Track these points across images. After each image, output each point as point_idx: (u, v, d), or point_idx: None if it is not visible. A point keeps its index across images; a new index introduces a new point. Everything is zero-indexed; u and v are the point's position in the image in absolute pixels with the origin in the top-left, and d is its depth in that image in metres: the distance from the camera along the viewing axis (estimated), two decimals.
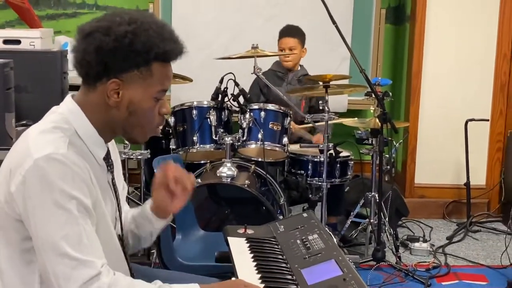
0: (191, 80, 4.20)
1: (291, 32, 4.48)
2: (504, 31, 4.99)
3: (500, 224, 4.96)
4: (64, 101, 1.68)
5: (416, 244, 4.38)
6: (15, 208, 1.54)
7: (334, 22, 3.58)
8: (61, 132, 1.58)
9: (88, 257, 1.52)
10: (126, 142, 3.76)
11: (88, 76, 1.62)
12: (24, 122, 3.10)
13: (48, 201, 1.49)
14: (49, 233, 1.50)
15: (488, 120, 5.06)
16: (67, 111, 1.64)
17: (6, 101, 3.02)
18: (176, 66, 4.83)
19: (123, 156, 3.80)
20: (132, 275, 1.84)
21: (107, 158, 1.73)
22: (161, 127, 1.77)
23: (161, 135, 3.94)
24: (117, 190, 1.80)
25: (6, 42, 3.60)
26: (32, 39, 3.60)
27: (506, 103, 5.09)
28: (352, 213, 4.27)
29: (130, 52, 1.58)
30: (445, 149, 5.10)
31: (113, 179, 1.78)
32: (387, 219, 4.17)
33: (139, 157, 3.85)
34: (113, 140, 1.85)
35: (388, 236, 4.16)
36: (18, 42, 3.58)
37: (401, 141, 5.14)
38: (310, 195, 4.14)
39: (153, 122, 1.69)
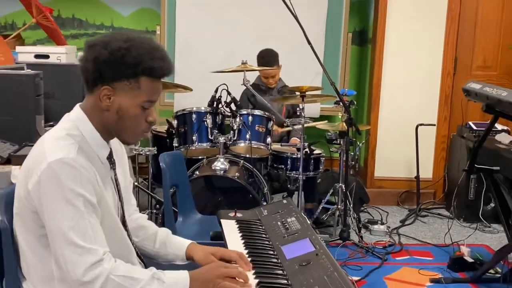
0: (191, 90, 4.17)
1: (270, 62, 4.40)
2: (448, 54, 5.01)
3: (444, 210, 5.00)
4: (74, 109, 1.67)
5: (375, 226, 4.40)
6: (32, 203, 1.54)
7: (309, 43, 3.56)
8: (72, 139, 1.58)
9: (92, 245, 1.51)
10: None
11: (87, 82, 1.61)
12: (52, 123, 3.06)
13: (59, 198, 1.49)
14: (59, 225, 1.49)
15: (434, 125, 5.08)
16: (75, 119, 1.64)
17: (37, 106, 3.02)
18: (179, 78, 4.80)
19: (134, 152, 3.77)
20: (137, 253, 1.81)
21: (110, 157, 1.72)
22: (148, 133, 1.74)
23: (165, 135, 3.92)
24: (119, 185, 1.77)
25: (37, 56, 3.60)
26: (59, 54, 3.62)
27: (450, 111, 5.12)
28: (323, 200, 4.29)
29: (121, 65, 1.56)
30: (399, 148, 5.11)
31: (115, 175, 1.75)
32: (351, 205, 4.18)
33: (147, 153, 3.84)
34: (122, 146, 1.86)
35: (352, 219, 4.16)
36: (47, 56, 3.57)
37: (363, 141, 5.14)
38: (289, 185, 4.14)
39: (140, 128, 1.67)
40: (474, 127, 4.59)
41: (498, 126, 4.02)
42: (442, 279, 3.50)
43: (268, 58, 4.42)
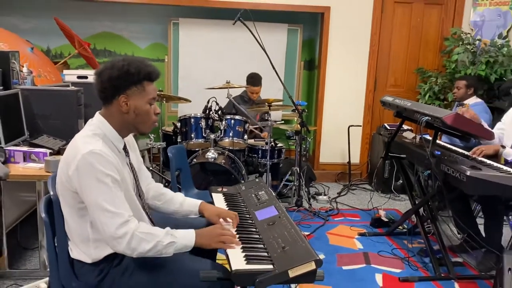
0: (190, 101, 4.15)
1: (257, 82, 4.40)
2: (370, 76, 5.02)
3: (367, 185, 5.01)
4: (95, 116, 1.66)
5: (320, 197, 4.40)
6: (73, 185, 1.52)
7: (274, 68, 3.58)
8: (97, 136, 1.58)
9: (120, 210, 1.50)
10: (151, 136, 3.69)
11: (107, 98, 1.60)
12: None
13: (93, 178, 1.48)
14: (95, 198, 1.49)
15: (361, 126, 5.10)
16: (97, 122, 1.63)
17: (78, 113, 3.01)
18: (182, 93, 4.72)
19: (149, 145, 3.73)
20: (151, 220, 1.79)
21: (125, 148, 1.71)
22: (156, 123, 1.75)
23: (172, 133, 3.88)
24: (134, 167, 1.75)
25: (79, 77, 3.54)
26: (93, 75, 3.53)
27: (371, 116, 5.12)
28: (284, 179, 4.26)
29: (128, 76, 1.57)
30: (336, 142, 5.10)
31: (130, 160, 1.74)
32: (303, 182, 4.16)
33: (158, 146, 3.80)
34: (133, 138, 1.83)
35: (304, 192, 4.16)
36: (86, 77, 3.51)
37: (312, 137, 5.14)
38: (260, 169, 4.11)
39: (152, 119, 1.67)
40: (388, 127, 4.61)
41: (405, 127, 4.08)
42: (366, 233, 3.54)
43: (255, 79, 4.40)
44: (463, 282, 2.80)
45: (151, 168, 3.98)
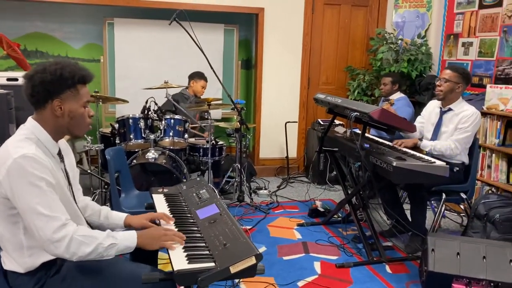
0: (127, 102, 3.99)
1: (206, 77, 4.35)
2: (304, 74, 5.11)
3: (304, 177, 5.09)
4: (28, 121, 1.56)
5: (261, 191, 4.43)
6: (3, 191, 1.43)
7: (212, 68, 3.53)
8: (30, 140, 1.50)
9: (56, 213, 1.43)
10: (89, 138, 3.52)
11: (39, 102, 1.52)
12: None
13: (25, 183, 1.40)
14: (29, 202, 1.41)
15: (297, 122, 5.18)
16: (30, 127, 1.54)
17: (9, 116, 2.85)
18: (119, 94, 4.53)
19: (86, 148, 3.55)
20: (89, 225, 1.73)
21: (59, 153, 1.63)
22: (91, 126, 1.68)
23: (110, 135, 3.73)
24: (68, 173, 1.67)
25: (8, 79, 3.31)
26: None
27: (306, 113, 5.22)
28: (225, 175, 4.25)
29: (62, 80, 1.50)
30: (275, 138, 5.16)
31: (64, 166, 1.66)
32: (245, 178, 4.18)
33: (96, 148, 3.62)
34: (66, 143, 1.74)
35: (246, 187, 4.18)
36: (16, 79, 3.28)
37: (251, 134, 5.16)
38: (202, 167, 4.07)
39: (86, 122, 1.61)
40: (322, 123, 4.74)
41: (336, 122, 4.21)
42: (304, 223, 3.60)
43: (204, 75, 4.35)
44: (393, 264, 2.94)
45: (88, 170, 3.79)
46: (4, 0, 4.57)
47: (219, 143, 4.08)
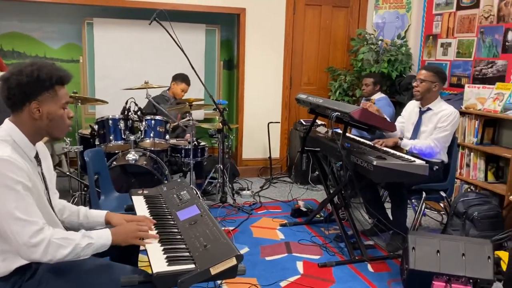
0: (107, 102, 3.92)
1: (189, 81, 4.30)
2: (286, 75, 5.12)
3: (287, 178, 5.09)
4: (5, 122, 1.52)
5: (244, 192, 4.42)
6: None
7: (193, 69, 3.49)
8: (6, 143, 1.46)
9: (33, 218, 1.40)
10: (67, 140, 3.45)
11: (16, 105, 1.48)
12: None
13: (2, 186, 1.36)
14: (6, 206, 1.37)
15: (279, 122, 5.18)
16: (7, 129, 1.50)
17: None
18: (98, 94, 4.48)
19: (65, 150, 3.48)
20: (64, 225, 1.70)
21: (37, 156, 1.59)
22: (70, 127, 1.65)
23: (89, 136, 3.67)
24: (45, 177, 1.64)
25: None
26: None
27: (288, 113, 5.22)
28: (208, 176, 4.22)
29: (39, 82, 1.46)
30: (257, 139, 5.15)
31: (41, 170, 1.62)
32: (227, 179, 4.17)
33: (75, 150, 3.56)
34: (44, 146, 1.71)
35: (228, 188, 4.16)
36: None
37: (234, 135, 5.16)
38: (184, 168, 4.04)
39: (66, 123, 1.58)
40: (304, 123, 4.75)
41: (318, 122, 4.23)
42: (287, 223, 3.61)
43: (187, 78, 4.30)
44: (375, 263, 2.96)
45: (67, 172, 3.72)
46: None
47: (201, 144, 4.05)
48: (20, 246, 1.38)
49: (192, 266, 1.40)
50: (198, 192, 3.74)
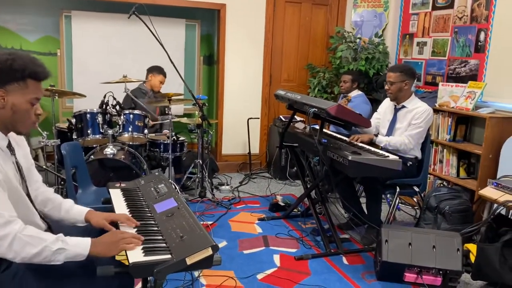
0: (85, 96, 3.86)
1: (165, 72, 4.29)
2: (266, 71, 5.15)
3: (266, 173, 5.13)
4: None
5: (223, 187, 4.43)
6: None
7: (172, 63, 3.49)
8: None
9: None
10: (44, 134, 3.41)
11: None
12: None
13: None
14: None
15: (259, 118, 5.21)
16: None
17: None
18: (76, 88, 4.44)
19: (42, 143, 3.44)
20: (46, 222, 1.67)
21: (9, 146, 1.55)
22: (37, 124, 1.63)
23: (67, 130, 3.63)
24: (20, 166, 1.60)
25: None
26: None
27: (268, 109, 5.26)
28: (187, 171, 4.22)
29: (10, 71, 1.44)
30: (237, 134, 5.18)
31: (16, 160, 1.58)
32: (207, 174, 4.18)
33: (52, 143, 3.51)
34: (22, 136, 1.68)
35: (207, 183, 4.17)
36: None
37: (214, 130, 5.17)
38: (162, 163, 4.03)
39: (30, 119, 1.54)
40: (283, 119, 4.78)
41: (297, 118, 4.28)
42: (265, 218, 3.65)
43: (163, 70, 4.28)
44: (349, 256, 3.04)
45: (44, 166, 3.68)
46: None
47: (180, 138, 4.06)
48: None
49: (168, 256, 1.41)
50: (177, 187, 3.75)
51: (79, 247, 1.44)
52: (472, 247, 2.79)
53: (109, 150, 3.35)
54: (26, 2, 4.77)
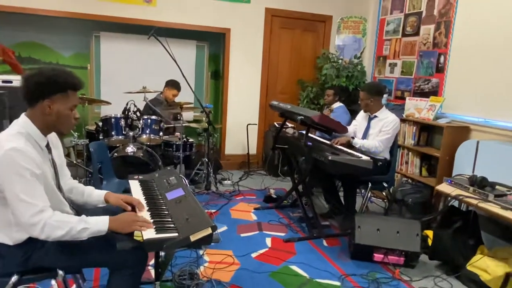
0: (110, 103, 3.92)
1: (179, 87, 4.28)
2: (263, 83, 5.18)
3: (262, 171, 5.13)
4: (21, 116, 1.55)
5: (225, 182, 4.47)
6: None
7: (185, 77, 3.56)
8: (20, 135, 1.48)
9: (35, 201, 1.41)
10: (75, 134, 3.46)
11: (32, 100, 1.51)
12: None
13: (13, 172, 1.39)
14: (14, 189, 1.39)
15: (257, 124, 5.24)
16: (22, 122, 1.52)
17: (4, 114, 2.79)
18: (104, 97, 4.47)
19: (73, 143, 3.49)
20: (70, 205, 1.70)
21: (48, 146, 1.60)
22: (75, 126, 1.67)
23: (94, 131, 3.68)
24: (55, 163, 1.65)
25: (4, 82, 3.20)
26: (18, 80, 3.22)
27: (265, 116, 5.28)
28: (195, 168, 4.26)
29: (55, 84, 1.49)
30: (238, 137, 5.19)
31: (52, 157, 1.63)
32: (212, 170, 4.21)
33: (82, 143, 3.57)
34: (57, 138, 1.72)
35: (212, 178, 4.21)
36: (10, 81, 3.19)
37: (218, 133, 5.21)
38: (175, 160, 4.07)
39: (71, 123, 1.59)
40: (277, 125, 4.77)
41: (289, 124, 4.32)
42: (260, 207, 3.68)
43: (178, 85, 4.30)
44: (329, 239, 3.08)
45: (75, 162, 3.73)
46: (2, 12, 4.40)
47: (189, 140, 4.11)
48: (22, 223, 1.41)
49: (176, 234, 1.46)
50: (186, 181, 3.80)
51: (98, 225, 1.50)
52: (430, 233, 2.83)
53: (130, 149, 3.40)
54: (63, 24, 4.83)
